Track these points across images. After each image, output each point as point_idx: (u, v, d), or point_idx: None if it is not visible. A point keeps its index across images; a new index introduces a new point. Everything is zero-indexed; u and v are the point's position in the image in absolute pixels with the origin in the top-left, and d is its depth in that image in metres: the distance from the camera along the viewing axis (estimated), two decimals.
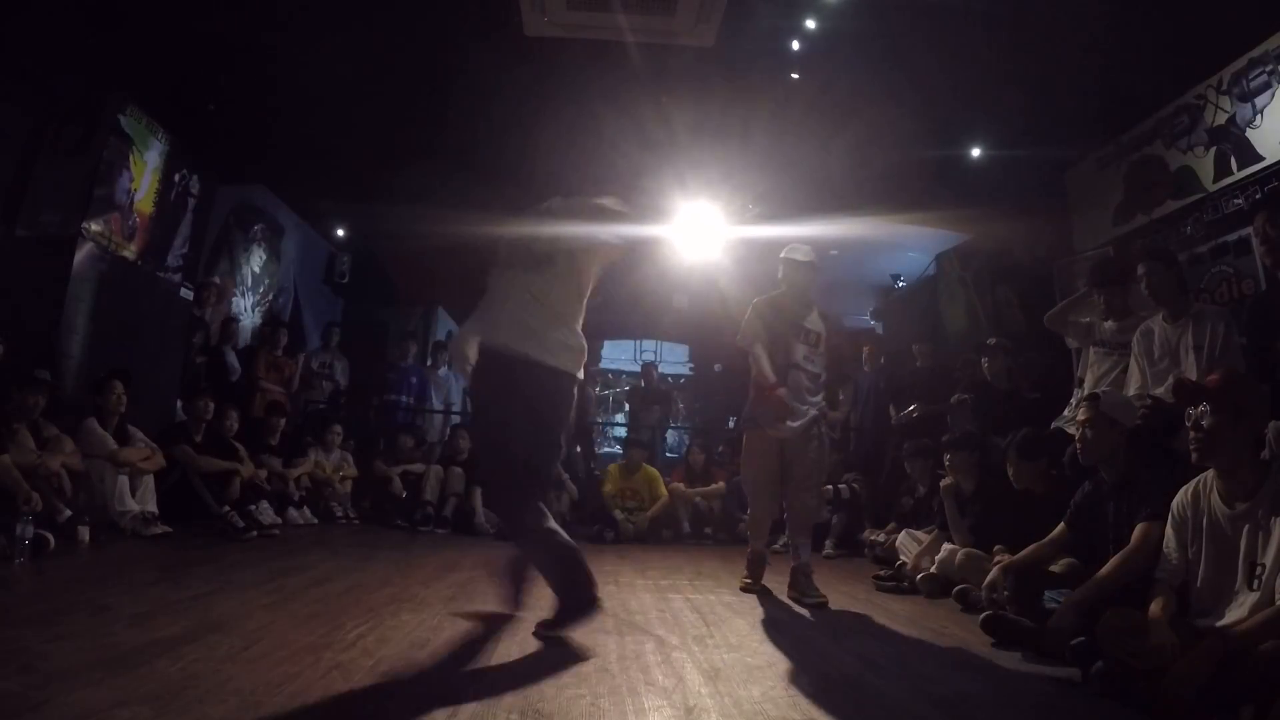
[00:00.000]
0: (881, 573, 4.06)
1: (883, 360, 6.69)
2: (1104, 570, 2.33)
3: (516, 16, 4.38)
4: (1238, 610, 1.90)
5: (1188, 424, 2.10)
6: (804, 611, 3.13)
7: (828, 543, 5.25)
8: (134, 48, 4.83)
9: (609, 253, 2.61)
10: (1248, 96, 4.19)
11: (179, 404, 5.60)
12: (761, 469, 3.57)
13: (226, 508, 4.63)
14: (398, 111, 5.59)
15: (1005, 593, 2.76)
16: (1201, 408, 2.04)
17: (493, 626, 2.53)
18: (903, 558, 4.08)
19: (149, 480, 4.45)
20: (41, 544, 3.32)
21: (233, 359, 6.33)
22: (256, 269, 7.57)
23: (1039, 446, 3.42)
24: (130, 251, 5.41)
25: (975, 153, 6.00)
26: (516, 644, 2.31)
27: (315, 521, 5.57)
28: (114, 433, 4.38)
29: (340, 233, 8.76)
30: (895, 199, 6.43)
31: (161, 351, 5.76)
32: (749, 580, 3.59)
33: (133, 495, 4.34)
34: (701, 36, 4.49)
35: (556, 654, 2.22)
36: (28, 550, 3.20)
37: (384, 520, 5.89)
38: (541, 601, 2.55)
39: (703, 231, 7.56)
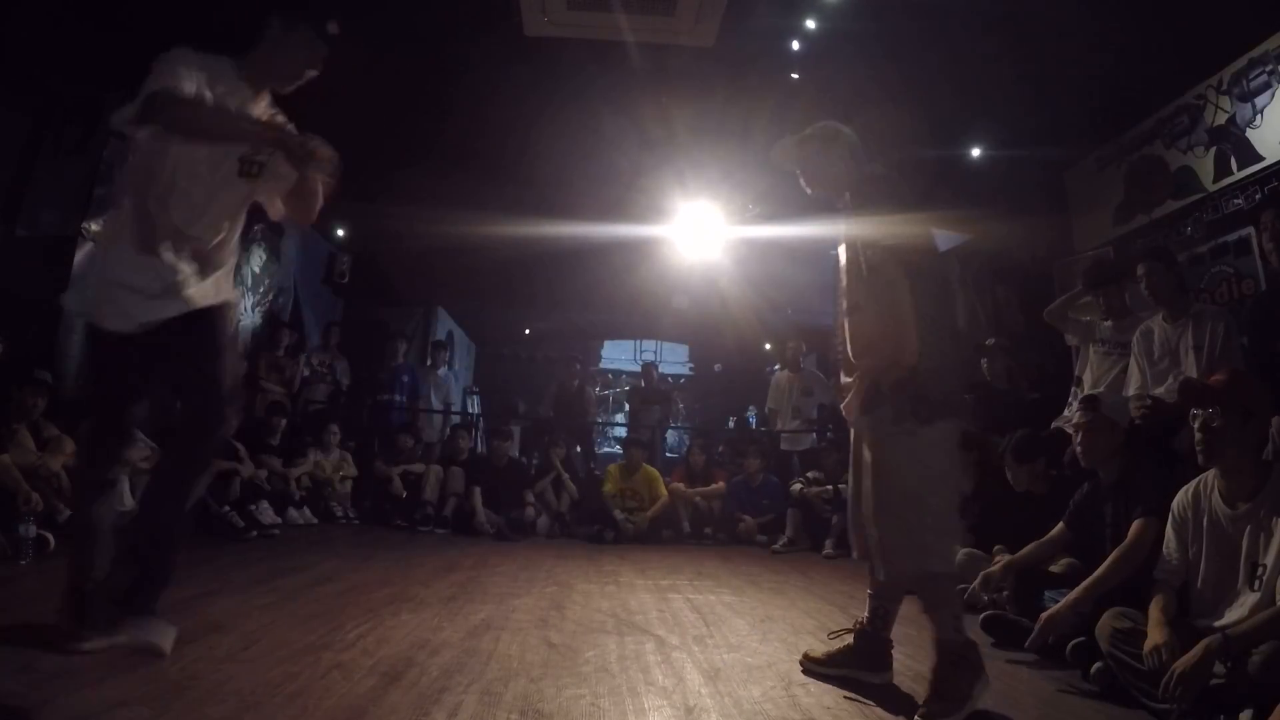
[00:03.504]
0: None
1: None
2: (1101, 570, 2.33)
3: (516, 16, 4.38)
4: (1238, 610, 1.90)
5: (1194, 425, 2.10)
6: (804, 612, 3.12)
7: (828, 542, 5.24)
8: (134, 48, 4.82)
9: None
10: (1248, 96, 4.19)
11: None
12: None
13: (226, 508, 4.63)
14: (397, 111, 5.59)
15: (1005, 592, 2.77)
16: (1210, 409, 2.04)
17: (493, 626, 2.53)
18: None
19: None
20: (42, 544, 3.32)
21: None
22: (256, 269, 7.57)
23: (1034, 448, 3.41)
24: None
25: (975, 153, 5.99)
26: (516, 644, 2.31)
27: (315, 521, 5.56)
28: None
29: (340, 233, 8.76)
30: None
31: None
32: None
33: (132, 495, 4.33)
34: (701, 36, 4.49)
35: (556, 654, 2.22)
36: (31, 550, 3.20)
37: (384, 520, 5.89)
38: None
39: (703, 231, 7.57)
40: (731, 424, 11.58)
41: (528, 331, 13.21)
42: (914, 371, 1.89)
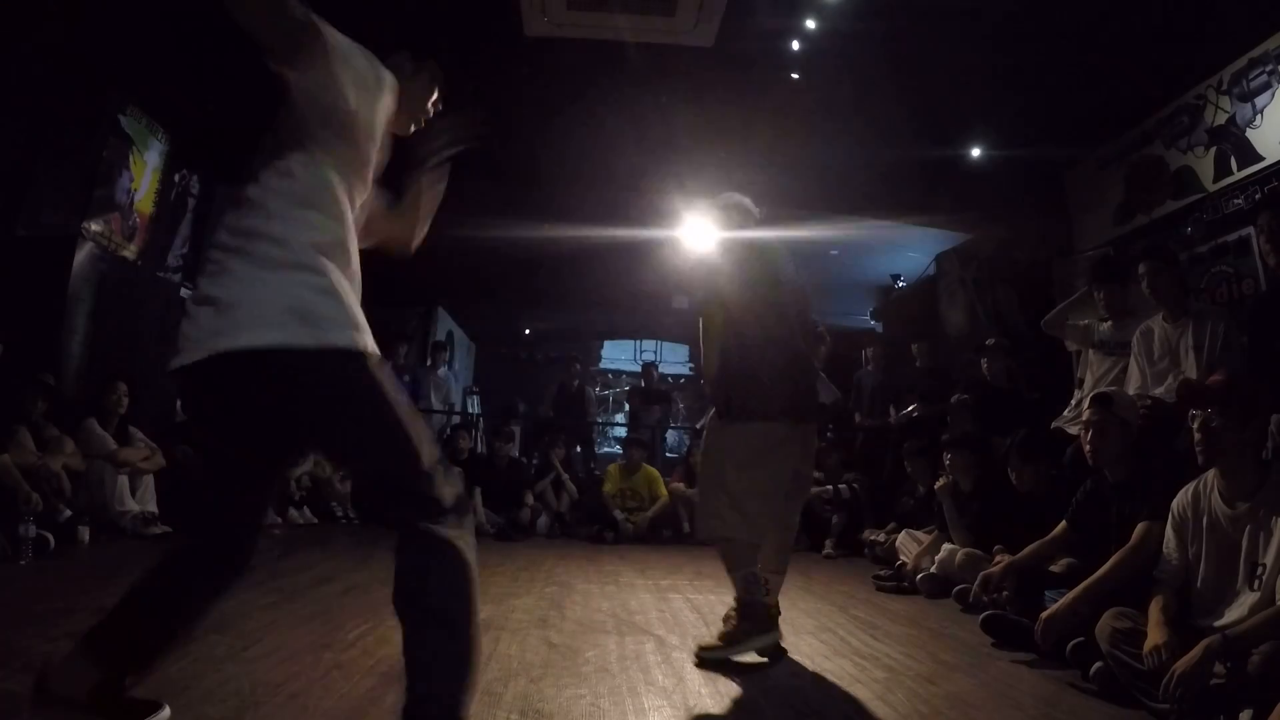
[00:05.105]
0: (881, 573, 4.06)
1: (883, 360, 6.71)
2: (1101, 570, 2.33)
3: (516, 16, 4.38)
4: (1238, 610, 1.90)
5: (1194, 426, 2.09)
6: (804, 612, 3.12)
7: (828, 542, 5.25)
8: (134, 48, 4.83)
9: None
10: (1248, 96, 4.19)
11: (179, 404, 5.60)
12: None
13: None
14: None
15: (1005, 593, 2.76)
16: (1208, 410, 2.04)
17: (493, 626, 2.53)
18: (903, 558, 4.08)
19: (149, 480, 4.45)
20: (42, 544, 3.33)
21: None
22: None
23: (1036, 448, 3.42)
24: (130, 251, 5.41)
25: (975, 153, 5.99)
26: (516, 644, 2.31)
27: (315, 521, 5.56)
28: (114, 433, 4.38)
29: None
30: (895, 199, 6.44)
31: (161, 351, 5.75)
32: None
33: (133, 495, 4.34)
34: (701, 36, 4.50)
35: (556, 654, 2.23)
36: (31, 550, 3.21)
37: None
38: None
39: (703, 232, 7.56)
40: None
41: (528, 331, 13.20)
42: (716, 388, 2.50)
